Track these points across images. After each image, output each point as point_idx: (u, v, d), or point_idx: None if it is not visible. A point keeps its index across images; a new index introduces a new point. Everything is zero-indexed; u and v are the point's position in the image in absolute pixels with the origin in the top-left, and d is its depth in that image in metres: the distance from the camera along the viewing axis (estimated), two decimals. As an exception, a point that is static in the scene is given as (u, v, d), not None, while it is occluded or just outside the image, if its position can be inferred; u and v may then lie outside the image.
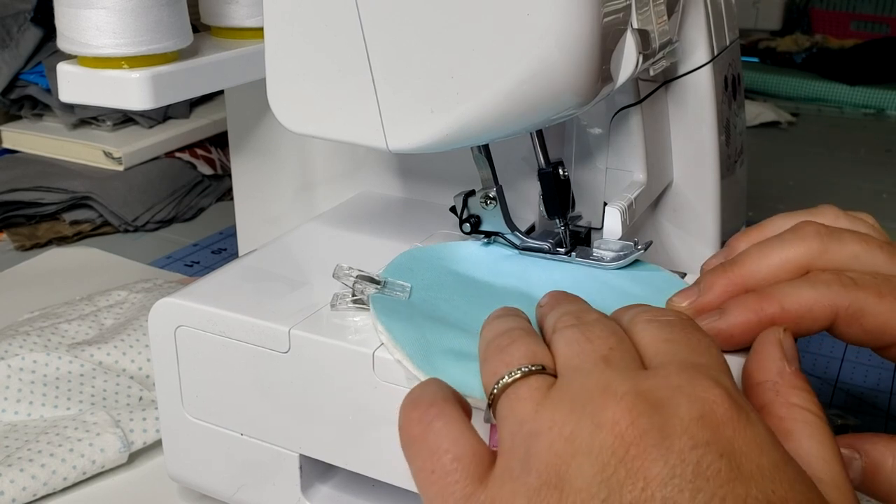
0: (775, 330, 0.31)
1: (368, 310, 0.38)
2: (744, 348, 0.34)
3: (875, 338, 0.33)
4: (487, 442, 0.29)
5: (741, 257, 0.36)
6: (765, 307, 0.33)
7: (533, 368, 0.28)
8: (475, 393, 0.32)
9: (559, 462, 0.25)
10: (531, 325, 0.32)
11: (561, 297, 0.33)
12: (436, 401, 0.28)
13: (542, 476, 0.25)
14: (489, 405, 0.29)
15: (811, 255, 0.34)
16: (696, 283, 0.36)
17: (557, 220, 0.43)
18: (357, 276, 0.38)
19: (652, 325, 0.30)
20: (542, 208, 0.43)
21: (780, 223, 0.37)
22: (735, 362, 0.32)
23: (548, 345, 0.30)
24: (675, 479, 0.23)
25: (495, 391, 0.28)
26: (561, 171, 0.42)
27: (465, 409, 0.29)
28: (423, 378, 0.33)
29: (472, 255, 0.44)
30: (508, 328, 0.31)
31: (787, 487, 0.24)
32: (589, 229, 0.46)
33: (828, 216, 0.37)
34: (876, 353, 0.35)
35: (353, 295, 0.38)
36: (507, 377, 0.28)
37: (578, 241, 0.44)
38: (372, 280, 0.38)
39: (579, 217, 0.45)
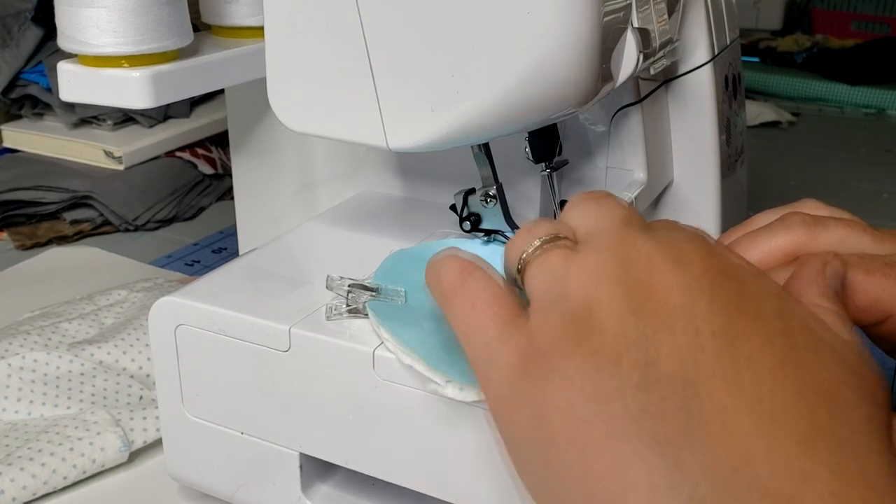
0: (824, 253, 0.32)
1: (364, 318, 0.37)
2: None
3: (867, 314, 0.34)
4: None
5: (731, 247, 0.37)
6: None
7: (559, 235, 0.31)
8: None
9: (590, 294, 0.27)
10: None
11: (579, 200, 0.35)
12: (473, 263, 0.31)
13: (574, 306, 0.27)
14: (517, 279, 0.31)
15: (799, 243, 0.36)
16: None
17: (543, 165, 0.42)
18: (350, 286, 0.38)
19: (657, 222, 0.32)
20: (528, 150, 0.42)
21: (765, 218, 0.39)
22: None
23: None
24: (693, 290, 0.26)
25: (523, 258, 0.31)
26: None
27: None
28: (439, 380, 0.33)
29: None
30: (531, 224, 0.33)
31: (791, 304, 0.27)
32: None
33: (809, 207, 0.39)
34: (868, 334, 0.36)
35: (348, 305, 0.38)
36: (533, 244, 0.30)
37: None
38: (365, 288, 0.38)
39: (565, 162, 0.45)
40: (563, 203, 0.43)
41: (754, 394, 0.24)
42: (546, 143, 0.42)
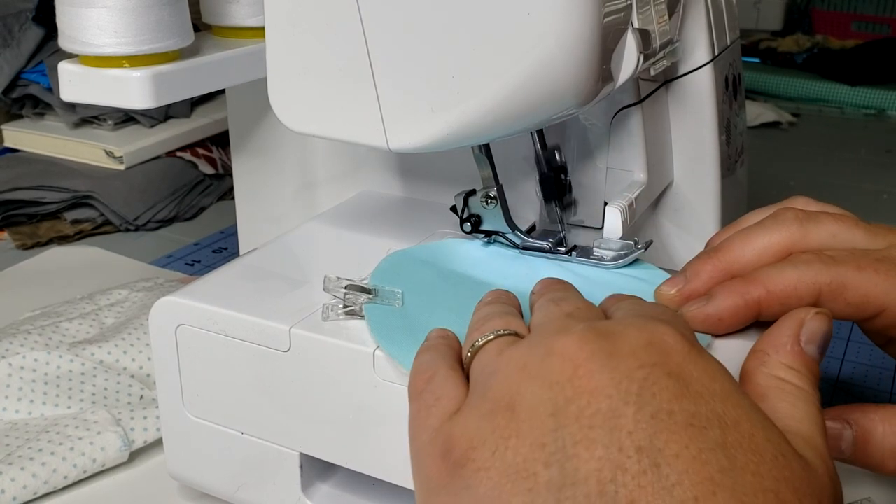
0: (805, 309, 0.30)
1: (361, 320, 0.37)
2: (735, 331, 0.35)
3: (859, 310, 0.33)
4: None
5: (725, 244, 0.37)
6: (750, 290, 0.34)
7: (505, 332, 0.30)
8: None
9: (511, 388, 0.26)
10: (518, 309, 0.34)
11: (551, 284, 0.34)
12: (438, 364, 0.31)
13: (495, 401, 0.26)
14: (465, 371, 0.30)
15: (792, 239, 0.35)
16: (683, 271, 0.37)
17: (554, 202, 0.43)
18: (347, 287, 0.38)
19: (628, 301, 0.31)
20: (538, 190, 0.43)
21: (757, 215, 0.38)
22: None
23: None
24: (621, 394, 0.24)
25: (469, 354, 0.30)
26: (557, 156, 0.42)
27: (459, 357, 0.32)
28: None
29: (463, 254, 0.44)
30: (492, 310, 0.32)
31: (741, 411, 0.24)
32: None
33: (800, 203, 0.38)
34: (862, 328, 0.36)
35: (345, 306, 0.38)
36: (479, 340, 0.30)
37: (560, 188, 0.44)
38: (362, 289, 0.38)
39: (574, 202, 0.45)
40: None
41: None
42: (557, 186, 0.42)
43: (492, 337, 0.30)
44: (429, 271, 0.41)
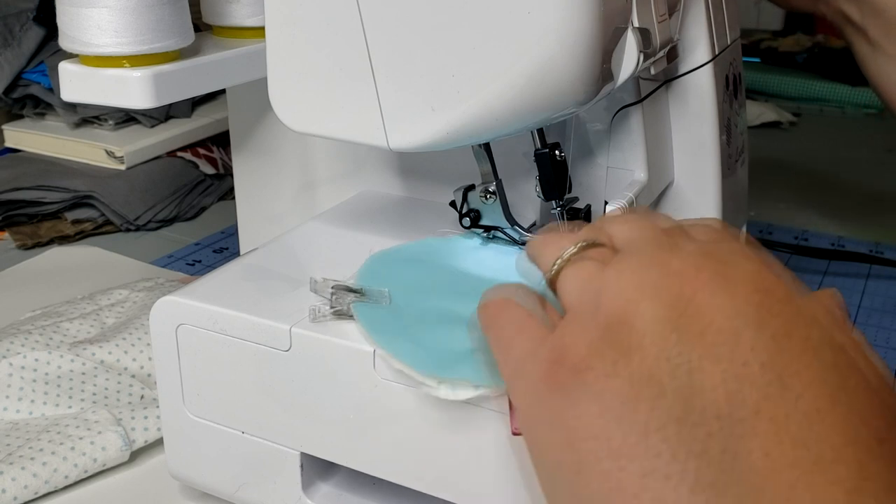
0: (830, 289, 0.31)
1: (349, 320, 0.37)
2: None
3: None
4: (509, 423, 0.31)
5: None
6: None
7: (596, 241, 0.29)
8: (492, 383, 0.32)
9: (629, 305, 0.26)
10: None
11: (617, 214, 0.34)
12: (511, 288, 0.31)
13: (611, 315, 0.26)
14: (550, 284, 0.30)
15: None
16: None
17: (554, 203, 0.42)
18: (334, 287, 0.38)
19: (702, 226, 0.31)
20: (538, 190, 0.42)
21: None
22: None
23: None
24: (741, 315, 0.24)
25: (559, 263, 0.29)
26: (557, 153, 0.42)
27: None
28: (431, 382, 0.33)
29: (447, 251, 0.43)
30: (559, 233, 0.32)
31: (844, 338, 0.25)
32: (588, 206, 0.46)
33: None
34: None
35: (332, 307, 0.37)
36: (568, 250, 0.29)
37: (578, 218, 0.44)
38: (349, 289, 0.38)
39: (576, 199, 0.45)
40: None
41: (802, 439, 0.22)
42: (556, 182, 0.42)
43: (578, 249, 0.29)
44: (413, 270, 0.41)
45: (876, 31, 0.57)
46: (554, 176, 0.42)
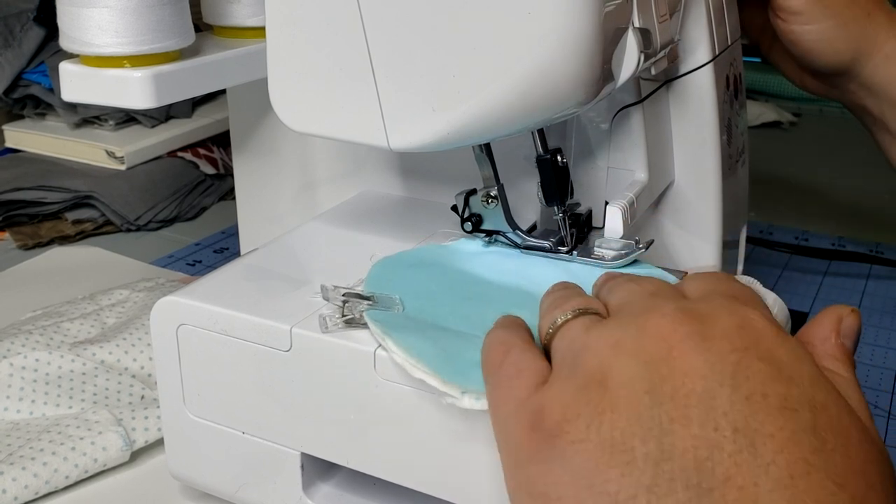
0: (841, 307, 0.31)
1: (361, 328, 0.37)
2: None
3: None
4: None
5: None
6: None
7: (588, 310, 0.30)
8: None
9: (604, 363, 0.26)
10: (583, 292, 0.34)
11: (616, 275, 0.35)
12: (513, 339, 0.31)
13: (587, 376, 0.26)
14: (545, 348, 0.31)
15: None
16: None
17: (556, 208, 0.42)
18: (345, 295, 0.37)
19: (699, 277, 0.31)
20: (540, 195, 0.42)
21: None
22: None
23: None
24: (716, 375, 0.24)
25: (550, 331, 0.30)
26: (559, 158, 0.42)
27: (530, 336, 0.32)
28: (454, 392, 0.33)
29: (450, 256, 0.43)
30: (566, 293, 0.33)
31: (827, 395, 0.25)
32: (589, 213, 0.46)
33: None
34: None
35: (344, 315, 0.37)
36: (561, 318, 0.30)
37: (579, 226, 0.44)
38: (360, 297, 0.37)
39: (577, 205, 0.45)
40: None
41: None
42: (558, 186, 0.42)
43: (572, 315, 0.30)
44: (419, 275, 0.41)
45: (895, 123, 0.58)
46: (555, 181, 0.42)
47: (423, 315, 0.37)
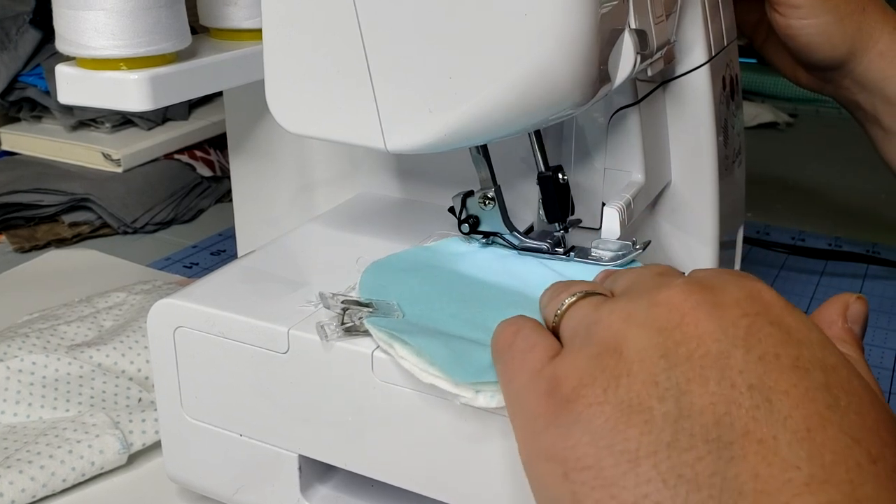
0: (848, 294, 0.31)
1: (361, 336, 0.36)
2: None
3: None
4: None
5: None
6: None
7: (594, 291, 0.31)
8: None
9: (618, 334, 0.27)
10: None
11: (615, 271, 0.36)
12: (523, 321, 0.31)
13: (601, 345, 0.27)
14: (554, 332, 0.31)
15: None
16: None
17: (557, 225, 0.43)
18: (344, 302, 0.37)
19: (703, 269, 0.31)
20: (542, 212, 0.43)
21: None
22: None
23: None
24: (729, 338, 0.25)
25: (558, 314, 0.31)
26: (560, 176, 0.42)
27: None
28: (467, 393, 0.33)
29: (440, 258, 0.43)
30: (567, 283, 0.33)
31: (836, 359, 0.25)
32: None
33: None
34: None
35: (343, 323, 0.36)
36: (568, 300, 0.31)
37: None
38: (359, 304, 0.37)
39: (579, 221, 0.45)
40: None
41: (792, 459, 0.22)
42: (560, 205, 0.42)
43: (579, 296, 0.30)
44: (411, 279, 0.40)
45: (889, 119, 0.59)
46: (557, 199, 0.42)
47: (423, 320, 0.37)
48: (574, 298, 0.31)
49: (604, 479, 0.24)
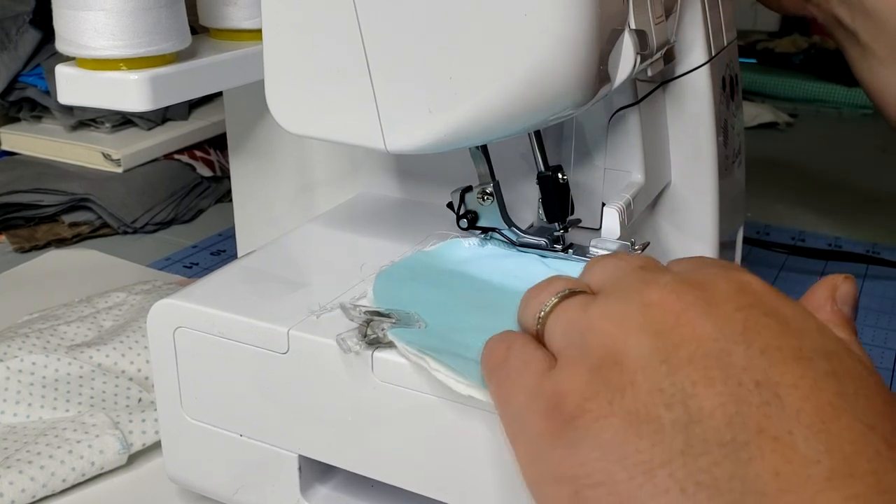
0: (835, 276, 0.31)
1: (385, 348, 0.35)
2: None
3: None
4: None
5: None
6: None
7: (575, 290, 0.30)
8: None
9: (615, 342, 0.26)
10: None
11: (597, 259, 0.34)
12: (513, 336, 0.31)
13: (599, 356, 0.26)
14: (538, 333, 0.30)
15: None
16: None
17: (557, 225, 0.43)
18: (366, 313, 0.36)
19: (683, 259, 0.31)
20: (541, 212, 0.43)
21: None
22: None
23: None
24: (727, 335, 0.24)
25: (541, 315, 0.30)
26: (560, 176, 0.42)
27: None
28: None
29: (444, 262, 0.43)
30: (545, 282, 0.32)
31: (836, 345, 0.25)
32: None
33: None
34: None
35: (367, 335, 0.35)
36: (550, 300, 0.30)
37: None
38: (381, 315, 0.36)
39: (579, 221, 0.45)
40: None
41: (811, 454, 0.22)
42: (560, 205, 0.42)
43: (561, 297, 0.30)
44: (425, 287, 0.40)
45: (867, 34, 0.58)
46: (557, 199, 0.42)
47: (445, 330, 0.36)
48: (556, 300, 0.30)
49: (618, 494, 0.23)
